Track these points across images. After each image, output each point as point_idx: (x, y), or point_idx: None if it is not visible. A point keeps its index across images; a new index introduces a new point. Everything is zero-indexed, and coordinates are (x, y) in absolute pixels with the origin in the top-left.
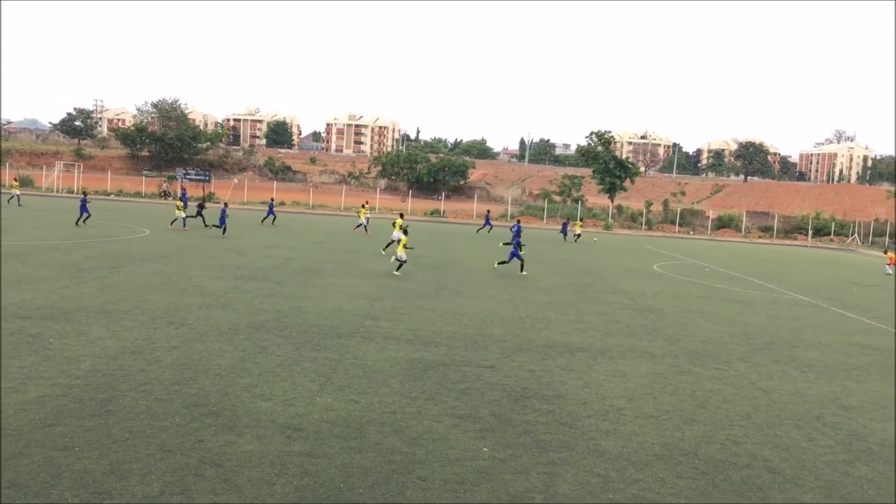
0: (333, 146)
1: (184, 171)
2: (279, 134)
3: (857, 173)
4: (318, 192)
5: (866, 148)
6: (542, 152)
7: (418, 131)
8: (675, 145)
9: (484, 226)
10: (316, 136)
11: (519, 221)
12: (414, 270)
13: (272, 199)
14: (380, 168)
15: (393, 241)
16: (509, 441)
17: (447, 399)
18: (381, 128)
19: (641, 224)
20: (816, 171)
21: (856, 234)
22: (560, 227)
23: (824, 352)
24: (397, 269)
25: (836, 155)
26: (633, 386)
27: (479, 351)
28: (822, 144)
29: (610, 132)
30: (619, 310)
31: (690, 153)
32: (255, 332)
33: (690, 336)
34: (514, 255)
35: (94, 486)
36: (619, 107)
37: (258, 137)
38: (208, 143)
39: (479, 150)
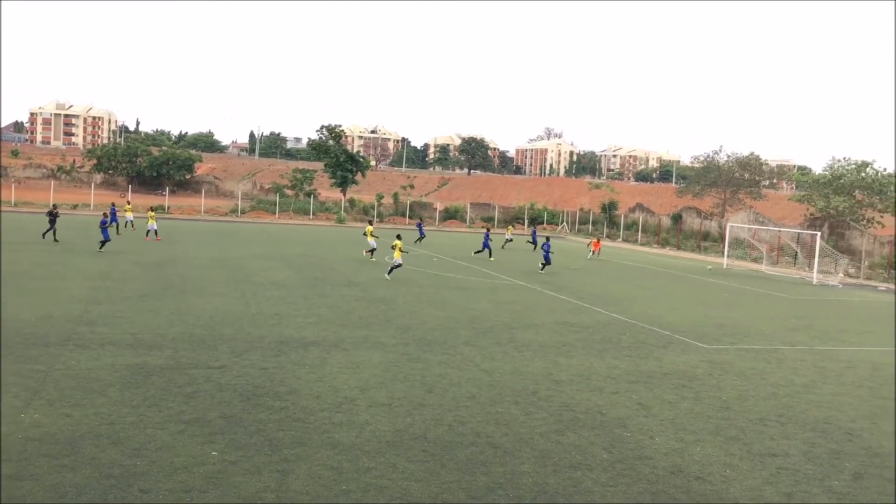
0: (39, 138)
1: None
2: None
3: (565, 167)
4: (21, 188)
5: (571, 144)
6: (272, 146)
7: (138, 123)
8: (403, 140)
9: (419, 238)
10: (18, 126)
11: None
12: (134, 270)
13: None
14: (95, 161)
15: (374, 249)
16: (240, 442)
17: (173, 404)
18: (94, 118)
19: (374, 217)
20: (531, 164)
21: (565, 223)
22: (530, 235)
23: (539, 331)
24: (388, 273)
25: (546, 150)
26: (367, 376)
27: (207, 351)
28: (535, 140)
29: (340, 126)
30: (352, 302)
31: (419, 147)
32: None
33: (420, 324)
34: (545, 257)
35: None
36: (350, 101)
37: None
38: None
39: (207, 144)
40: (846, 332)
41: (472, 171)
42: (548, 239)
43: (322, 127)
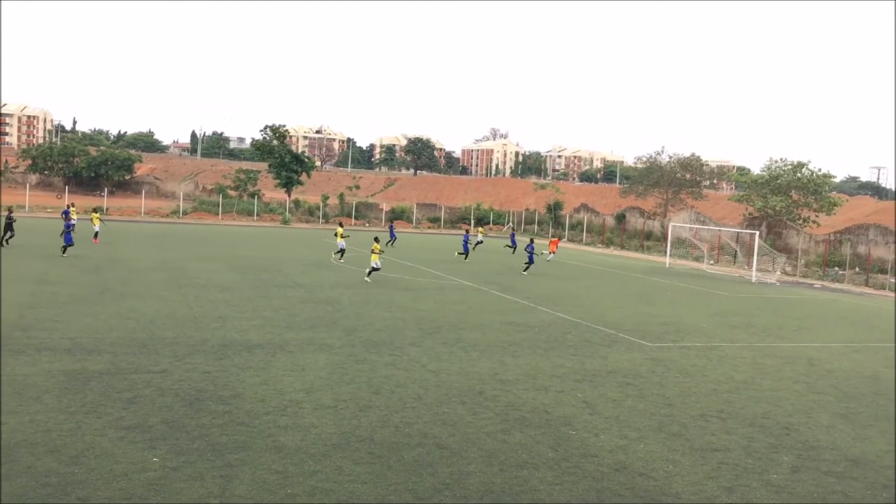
0: None
1: None
2: None
3: (511, 168)
4: None
5: (517, 145)
6: (215, 146)
7: (75, 122)
8: (349, 140)
9: (390, 239)
10: None
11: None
12: (72, 273)
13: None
14: (30, 162)
15: (342, 250)
16: (182, 448)
17: (112, 410)
18: (29, 117)
19: (319, 217)
20: (477, 165)
21: (511, 223)
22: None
23: (485, 332)
24: (368, 275)
25: (492, 151)
26: (312, 378)
27: (148, 356)
28: (481, 141)
29: (285, 126)
30: (297, 304)
31: (364, 148)
32: None
33: (366, 325)
34: (530, 259)
35: None
36: (294, 101)
37: None
38: None
39: (147, 143)
40: (784, 329)
41: (418, 171)
42: (532, 241)
43: (266, 127)
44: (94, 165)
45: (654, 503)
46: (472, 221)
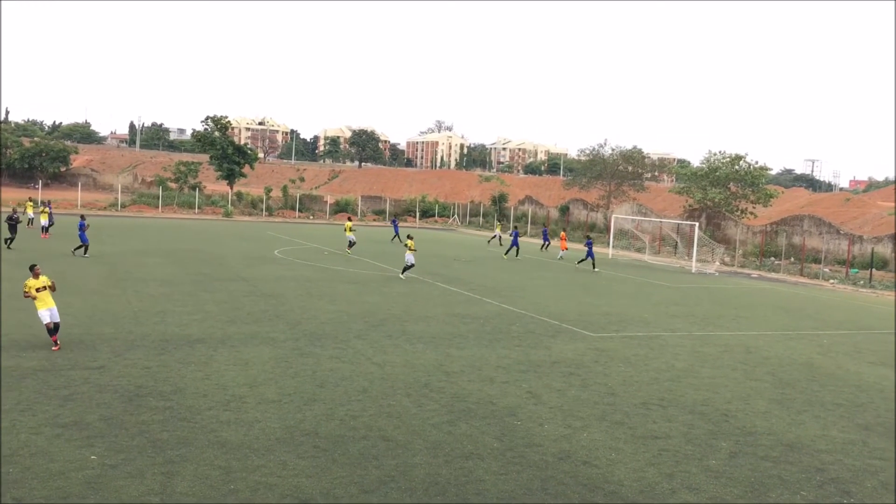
0: None
1: None
2: None
3: (456, 160)
4: None
5: (462, 137)
6: (154, 137)
7: (7, 112)
8: (292, 132)
9: (394, 236)
10: None
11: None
12: (6, 268)
13: None
14: None
15: (352, 243)
16: (121, 445)
17: (48, 408)
18: None
19: (262, 210)
20: (422, 157)
21: (456, 215)
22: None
23: (430, 324)
24: (403, 273)
25: (437, 143)
26: (256, 373)
27: (86, 352)
28: (426, 133)
29: (227, 117)
30: (240, 297)
31: (308, 140)
32: None
33: (311, 318)
34: (589, 254)
35: None
36: (236, 92)
37: None
38: None
39: (83, 134)
40: (722, 318)
41: (362, 163)
42: (588, 237)
43: (207, 118)
44: (28, 157)
45: (597, 491)
46: (417, 214)
